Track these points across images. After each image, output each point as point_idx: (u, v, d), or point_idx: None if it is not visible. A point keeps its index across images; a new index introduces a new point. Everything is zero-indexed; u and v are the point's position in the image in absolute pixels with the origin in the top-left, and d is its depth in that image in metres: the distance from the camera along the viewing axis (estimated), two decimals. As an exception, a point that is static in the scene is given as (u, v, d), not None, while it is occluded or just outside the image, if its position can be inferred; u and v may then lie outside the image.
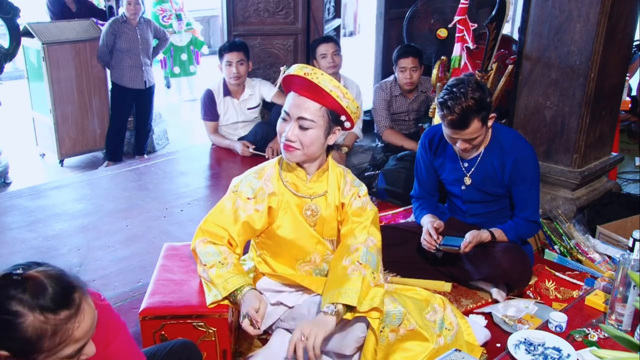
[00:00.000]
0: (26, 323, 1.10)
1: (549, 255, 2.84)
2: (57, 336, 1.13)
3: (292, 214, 1.96)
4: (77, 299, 1.15)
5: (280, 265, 2.05)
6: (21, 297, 1.10)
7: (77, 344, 1.17)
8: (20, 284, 1.11)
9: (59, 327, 1.12)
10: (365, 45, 8.73)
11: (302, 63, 4.30)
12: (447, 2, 4.27)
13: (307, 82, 1.80)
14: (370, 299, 1.77)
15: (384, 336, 1.80)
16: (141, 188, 3.57)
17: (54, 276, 1.14)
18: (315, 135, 1.84)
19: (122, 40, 4.73)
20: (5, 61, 4.11)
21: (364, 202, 2.01)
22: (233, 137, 4.03)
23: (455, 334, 1.98)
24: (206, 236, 1.97)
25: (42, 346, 1.12)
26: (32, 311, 1.10)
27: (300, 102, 1.83)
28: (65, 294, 1.14)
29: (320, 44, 3.93)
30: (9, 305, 1.09)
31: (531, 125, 3.09)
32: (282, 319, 2.02)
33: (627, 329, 1.89)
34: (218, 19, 6.14)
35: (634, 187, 4.01)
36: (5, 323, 1.10)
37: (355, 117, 1.89)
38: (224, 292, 1.84)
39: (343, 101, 1.82)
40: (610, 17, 2.79)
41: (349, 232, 1.98)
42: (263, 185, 1.95)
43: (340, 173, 2.02)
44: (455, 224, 2.57)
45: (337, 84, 1.83)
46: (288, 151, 1.87)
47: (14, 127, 5.75)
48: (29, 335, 1.10)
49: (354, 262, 1.86)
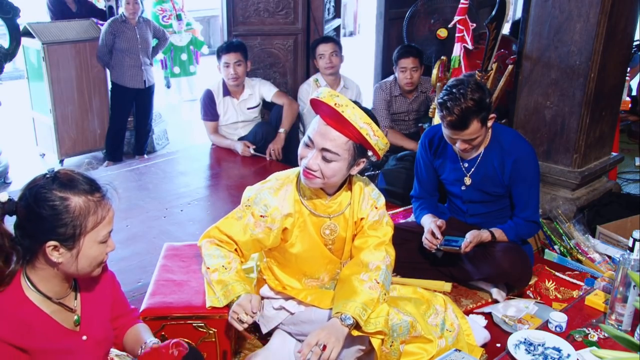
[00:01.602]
0: (73, 204, 1.30)
1: (549, 255, 2.84)
2: (97, 213, 1.34)
3: (308, 234, 1.89)
4: (101, 185, 1.38)
5: (287, 276, 2.00)
6: (60, 188, 1.30)
7: (109, 225, 1.38)
8: (55, 179, 1.31)
9: (98, 205, 1.34)
10: (365, 45, 8.74)
11: (302, 64, 4.36)
12: (447, 2, 4.26)
13: (337, 114, 1.69)
14: (375, 318, 1.75)
15: (395, 350, 1.80)
16: (141, 188, 3.57)
17: (77, 171, 1.36)
18: (338, 168, 1.75)
19: (122, 40, 4.73)
20: (5, 61, 4.10)
21: (381, 214, 1.95)
22: (233, 137, 4.03)
23: (457, 335, 1.98)
24: (214, 238, 1.93)
25: (88, 223, 1.32)
26: (73, 194, 1.31)
27: (326, 132, 1.72)
28: (92, 181, 1.36)
29: (320, 44, 3.94)
30: (52, 195, 1.29)
31: (531, 125, 3.09)
32: (283, 322, 2.02)
33: (627, 329, 1.89)
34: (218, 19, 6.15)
35: (634, 187, 4.01)
36: (54, 209, 1.29)
37: (383, 153, 1.78)
38: (224, 300, 1.81)
39: (372, 139, 1.71)
40: (610, 17, 2.79)
41: (364, 245, 1.92)
42: (279, 205, 1.85)
43: (360, 188, 1.93)
44: (455, 224, 2.57)
45: (369, 120, 1.70)
46: (308, 178, 1.78)
47: (14, 127, 5.75)
48: (77, 214, 1.30)
49: (371, 279, 1.82)
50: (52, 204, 1.29)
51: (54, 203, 1.29)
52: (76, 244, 1.32)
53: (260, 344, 2.13)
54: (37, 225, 1.30)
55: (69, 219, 1.29)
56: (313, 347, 1.62)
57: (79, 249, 1.33)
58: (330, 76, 3.97)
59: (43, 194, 1.29)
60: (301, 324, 1.95)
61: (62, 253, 1.31)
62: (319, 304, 1.92)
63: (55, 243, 1.30)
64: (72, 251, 1.32)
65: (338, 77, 4.03)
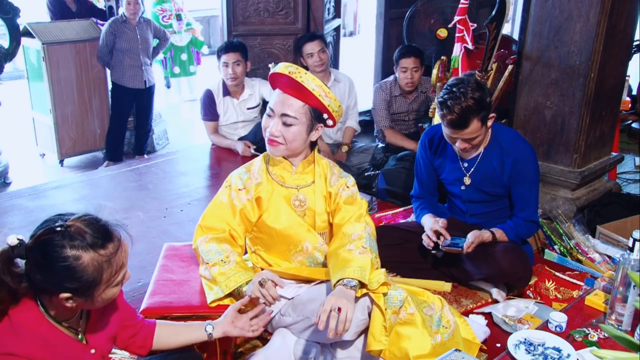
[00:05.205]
0: (85, 262, 1.25)
1: (549, 255, 2.84)
2: (112, 267, 1.30)
3: (281, 204, 2.03)
4: (115, 231, 1.33)
5: (275, 257, 2.10)
6: (72, 243, 1.25)
7: (124, 269, 1.35)
8: (65, 233, 1.25)
9: (112, 258, 1.29)
10: (365, 45, 8.73)
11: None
12: (447, 2, 4.27)
13: (291, 81, 1.88)
14: (375, 276, 1.83)
15: (387, 317, 1.81)
16: (141, 188, 3.57)
17: (88, 219, 1.30)
18: (297, 132, 1.92)
19: (122, 40, 4.73)
20: (5, 61, 4.10)
21: (353, 191, 2.09)
22: (233, 137, 4.03)
23: (452, 332, 1.98)
24: (207, 233, 2.00)
25: (102, 278, 1.29)
26: (85, 251, 1.25)
27: (284, 100, 1.92)
28: (105, 230, 1.30)
29: (306, 43, 3.91)
30: (64, 253, 1.24)
31: (531, 125, 3.09)
32: (282, 312, 2.01)
33: (627, 329, 1.89)
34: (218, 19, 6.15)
35: (634, 187, 4.01)
36: (66, 269, 1.24)
37: (337, 116, 1.98)
38: (226, 289, 1.86)
39: (325, 100, 1.90)
40: (610, 17, 2.79)
41: (344, 221, 2.03)
42: (251, 177, 2.04)
43: (327, 164, 2.09)
44: (455, 224, 2.57)
45: (320, 83, 1.91)
46: (272, 145, 1.96)
47: (14, 127, 5.75)
48: (90, 272, 1.26)
49: (358, 247, 1.92)
50: (65, 264, 1.24)
51: (67, 263, 1.24)
52: (90, 295, 1.31)
53: (260, 344, 2.13)
54: (50, 280, 1.27)
55: (83, 277, 1.26)
56: (330, 314, 1.67)
57: (93, 297, 1.32)
58: (320, 72, 3.95)
59: (54, 251, 1.24)
60: (302, 306, 1.95)
61: (76, 300, 1.30)
62: (314, 276, 2.01)
63: (68, 295, 1.28)
64: (86, 299, 1.31)
65: (328, 72, 4.03)
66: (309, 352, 1.95)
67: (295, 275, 2.04)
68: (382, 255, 2.03)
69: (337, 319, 1.67)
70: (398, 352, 1.84)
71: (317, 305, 1.78)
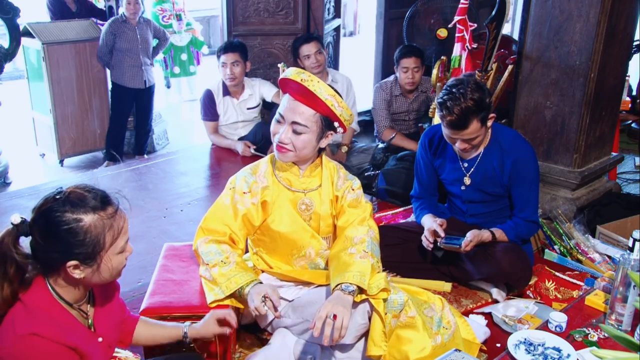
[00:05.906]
0: (87, 224, 1.29)
1: (549, 255, 2.84)
2: (113, 228, 1.34)
3: (287, 208, 2.00)
4: (113, 198, 1.37)
5: (276, 261, 2.07)
6: (73, 208, 1.29)
7: (126, 235, 1.38)
8: (65, 200, 1.30)
9: (112, 219, 1.34)
10: (365, 45, 8.73)
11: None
12: (447, 2, 4.27)
13: (303, 89, 1.84)
14: (376, 281, 1.81)
15: (387, 322, 1.81)
16: (141, 188, 3.57)
17: (86, 187, 1.35)
18: (307, 140, 1.89)
19: (122, 40, 4.73)
20: (5, 61, 4.10)
21: (358, 194, 2.06)
22: (233, 137, 4.03)
23: (453, 332, 1.98)
24: (207, 235, 1.99)
25: (105, 240, 1.32)
26: (86, 214, 1.30)
27: (294, 107, 1.87)
28: (103, 195, 1.35)
29: (303, 45, 3.89)
30: (66, 217, 1.28)
31: (531, 125, 3.09)
32: (282, 314, 2.01)
33: (627, 329, 1.89)
34: (218, 19, 6.15)
35: (634, 187, 4.01)
36: (70, 232, 1.28)
37: (348, 124, 1.94)
38: (226, 290, 1.85)
39: (337, 109, 1.87)
40: (610, 17, 2.79)
41: (347, 224, 2.01)
42: (257, 180, 2.00)
43: (334, 168, 2.06)
44: (455, 224, 2.57)
45: (332, 92, 1.86)
46: (281, 152, 1.93)
47: (14, 127, 5.75)
48: (93, 234, 1.30)
49: (359, 251, 1.90)
50: (67, 227, 1.28)
51: (69, 226, 1.28)
52: (96, 260, 1.33)
53: (260, 343, 2.13)
54: (55, 248, 1.30)
55: (86, 239, 1.30)
56: (325, 321, 1.66)
57: (100, 263, 1.34)
58: (317, 74, 3.94)
59: (56, 217, 1.28)
60: (301, 308, 1.95)
61: (83, 269, 1.32)
62: (315, 280, 1.99)
63: (75, 262, 1.30)
64: (92, 267, 1.33)
65: (325, 73, 4.02)
66: (309, 353, 1.95)
67: (295, 278, 2.03)
68: (383, 255, 2.03)
69: (333, 326, 1.65)
70: (398, 355, 1.84)
71: (316, 308, 1.76)
